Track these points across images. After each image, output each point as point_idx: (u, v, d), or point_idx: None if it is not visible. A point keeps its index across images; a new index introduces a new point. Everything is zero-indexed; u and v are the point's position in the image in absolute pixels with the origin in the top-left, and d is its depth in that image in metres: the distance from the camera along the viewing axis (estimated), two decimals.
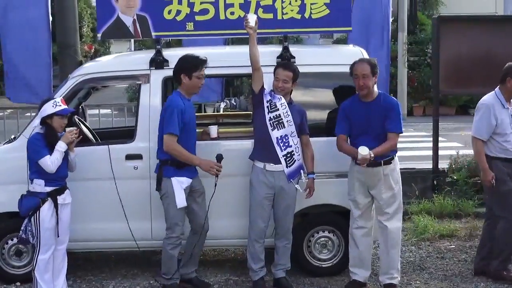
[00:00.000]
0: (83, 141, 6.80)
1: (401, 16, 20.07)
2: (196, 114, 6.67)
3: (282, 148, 6.35)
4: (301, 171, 6.46)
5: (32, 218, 6.06)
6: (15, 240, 6.71)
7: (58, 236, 6.15)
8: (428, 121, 11.33)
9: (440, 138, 10.35)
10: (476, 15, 14.28)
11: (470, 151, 10.35)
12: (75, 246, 6.69)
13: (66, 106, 6.15)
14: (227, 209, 6.73)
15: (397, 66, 19.62)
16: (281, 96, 6.36)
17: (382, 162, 6.28)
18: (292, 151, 6.38)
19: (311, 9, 6.99)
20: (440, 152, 10.08)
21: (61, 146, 6.02)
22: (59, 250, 6.27)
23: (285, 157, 6.36)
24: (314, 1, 6.98)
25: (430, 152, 10.10)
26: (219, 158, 6.32)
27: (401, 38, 20.03)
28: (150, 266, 7.33)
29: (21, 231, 6.13)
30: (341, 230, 6.84)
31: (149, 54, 6.88)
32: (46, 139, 6.05)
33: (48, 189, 6.08)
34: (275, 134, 6.33)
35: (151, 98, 6.73)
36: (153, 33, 6.98)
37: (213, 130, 6.69)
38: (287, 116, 6.34)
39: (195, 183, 6.45)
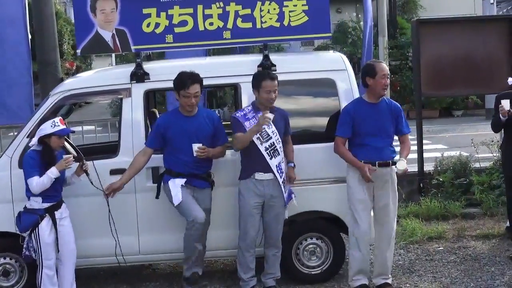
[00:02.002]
0: None
1: (381, 21, 20.03)
2: None
3: (280, 175, 6.34)
4: (292, 195, 6.48)
5: (32, 234, 6.08)
6: (1, 260, 6.65)
7: (58, 251, 6.14)
8: (412, 124, 11.33)
9: (424, 141, 10.39)
10: (454, 17, 14.38)
11: (455, 153, 10.45)
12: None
13: (64, 126, 6.11)
14: (215, 220, 6.66)
15: None
16: (257, 115, 6.31)
17: (391, 162, 6.38)
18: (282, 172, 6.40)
19: (290, 16, 6.99)
20: (425, 155, 10.10)
21: (52, 172, 5.99)
22: (67, 266, 6.25)
23: (282, 180, 6.37)
24: (292, 8, 6.99)
25: (415, 155, 10.12)
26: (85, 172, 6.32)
27: (381, 43, 20.02)
28: (140, 281, 7.28)
29: (24, 249, 6.16)
30: (329, 237, 6.82)
31: (130, 68, 6.84)
32: (42, 158, 6.04)
33: (46, 205, 6.09)
34: (273, 162, 6.31)
35: (133, 112, 6.69)
36: (133, 47, 6.96)
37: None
38: (276, 138, 6.34)
39: (198, 195, 6.43)
